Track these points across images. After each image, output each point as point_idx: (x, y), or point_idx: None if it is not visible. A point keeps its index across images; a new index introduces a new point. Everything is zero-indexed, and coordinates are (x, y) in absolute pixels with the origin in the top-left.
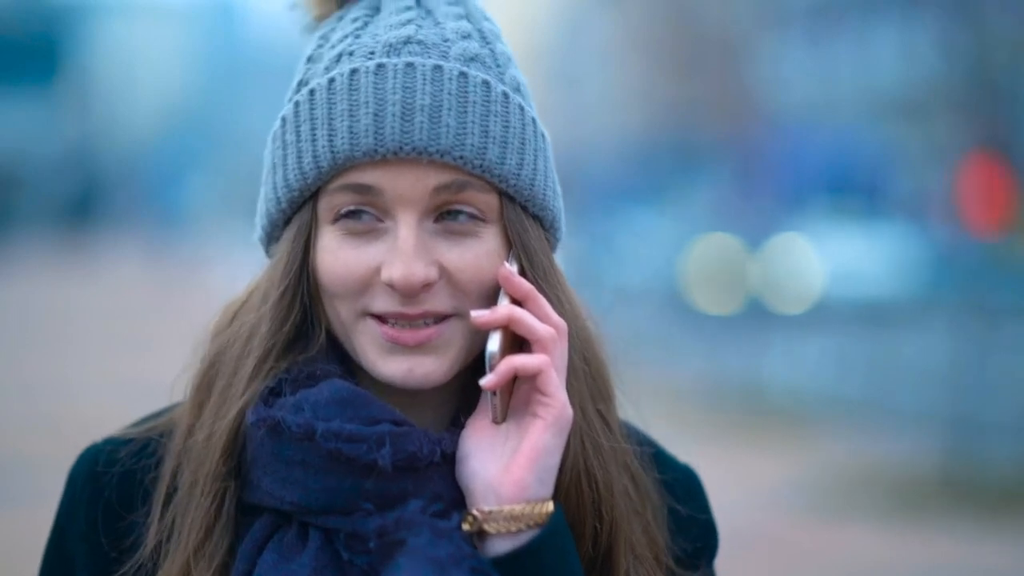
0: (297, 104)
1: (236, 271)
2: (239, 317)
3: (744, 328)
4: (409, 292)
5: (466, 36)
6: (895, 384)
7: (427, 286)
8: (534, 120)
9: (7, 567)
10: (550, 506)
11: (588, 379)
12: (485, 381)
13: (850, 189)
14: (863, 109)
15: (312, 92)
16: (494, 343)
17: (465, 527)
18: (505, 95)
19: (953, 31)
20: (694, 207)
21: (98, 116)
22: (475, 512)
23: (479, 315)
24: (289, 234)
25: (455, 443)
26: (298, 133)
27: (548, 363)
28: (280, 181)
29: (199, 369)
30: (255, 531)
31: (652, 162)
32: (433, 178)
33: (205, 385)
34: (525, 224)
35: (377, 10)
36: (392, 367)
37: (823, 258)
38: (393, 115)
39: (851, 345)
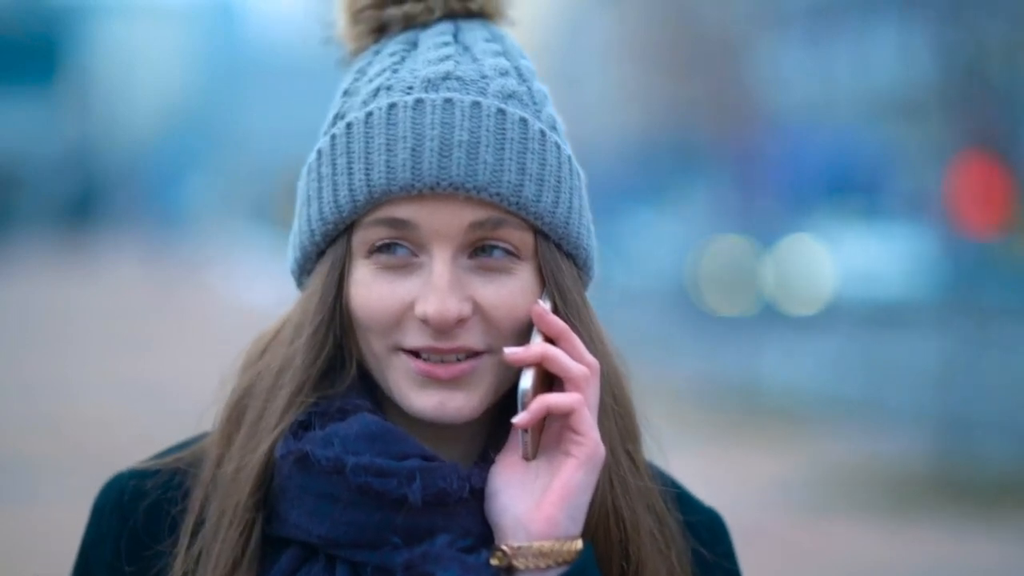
0: (334, 137)
1: (235, 271)
2: (270, 350)
3: (748, 329)
4: (443, 328)
5: (504, 73)
6: (893, 383)
7: (461, 322)
8: (570, 158)
9: (6, 565)
10: (579, 544)
11: (617, 418)
12: (518, 419)
13: (849, 189)
14: (862, 109)
15: (349, 126)
16: (527, 380)
17: (494, 562)
18: (542, 133)
19: (951, 32)
20: (694, 207)
21: (98, 116)
22: (504, 548)
23: (513, 352)
24: (323, 267)
25: (484, 479)
26: (334, 166)
27: (581, 402)
28: (315, 214)
29: (229, 401)
30: (282, 563)
31: (652, 162)
32: (469, 214)
33: (235, 418)
34: (559, 262)
35: (415, 45)
36: (424, 401)
37: (827, 258)
38: (431, 150)
39: (851, 345)
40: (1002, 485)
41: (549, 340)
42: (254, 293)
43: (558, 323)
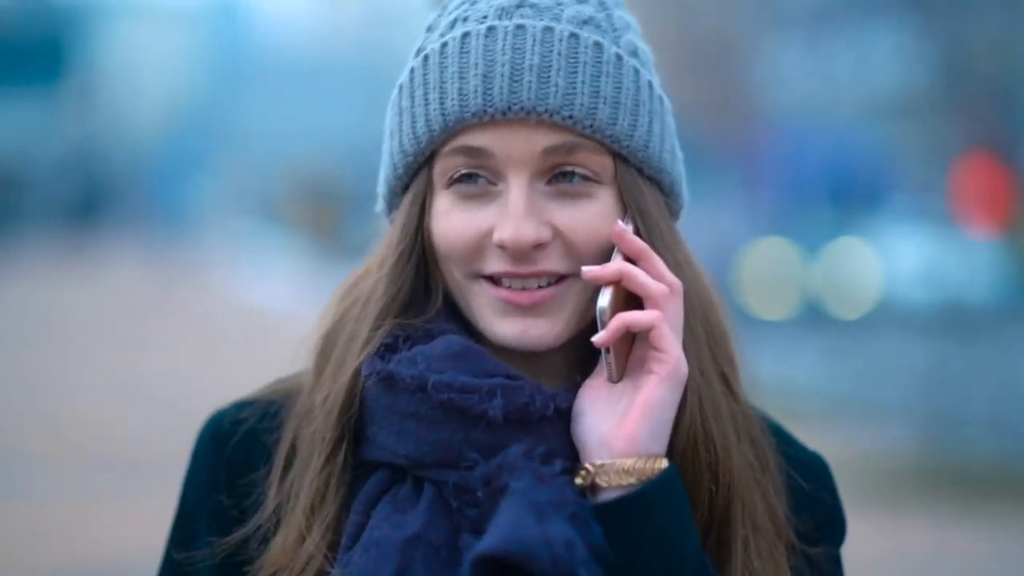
0: (412, 71)
1: (239, 272)
2: (360, 283)
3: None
4: (519, 253)
5: (582, 0)
6: (884, 382)
7: (539, 247)
8: (650, 83)
9: (6, 562)
10: (663, 463)
11: (711, 341)
12: (597, 338)
13: (850, 191)
14: (862, 110)
15: (426, 58)
16: (604, 299)
17: (578, 481)
18: (618, 57)
19: (953, 33)
20: (696, 208)
21: (102, 117)
22: (588, 466)
23: (590, 270)
24: (406, 200)
25: (570, 400)
26: (412, 98)
27: (661, 318)
28: (396, 147)
29: (320, 335)
30: (370, 485)
31: None
32: (543, 139)
33: (325, 349)
34: (640, 186)
35: None
36: (506, 328)
37: (875, 262)
38: (502, 75)
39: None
40: (989, 479)
41: (631, 261)
42: (257, 294)
43: (638, 242)
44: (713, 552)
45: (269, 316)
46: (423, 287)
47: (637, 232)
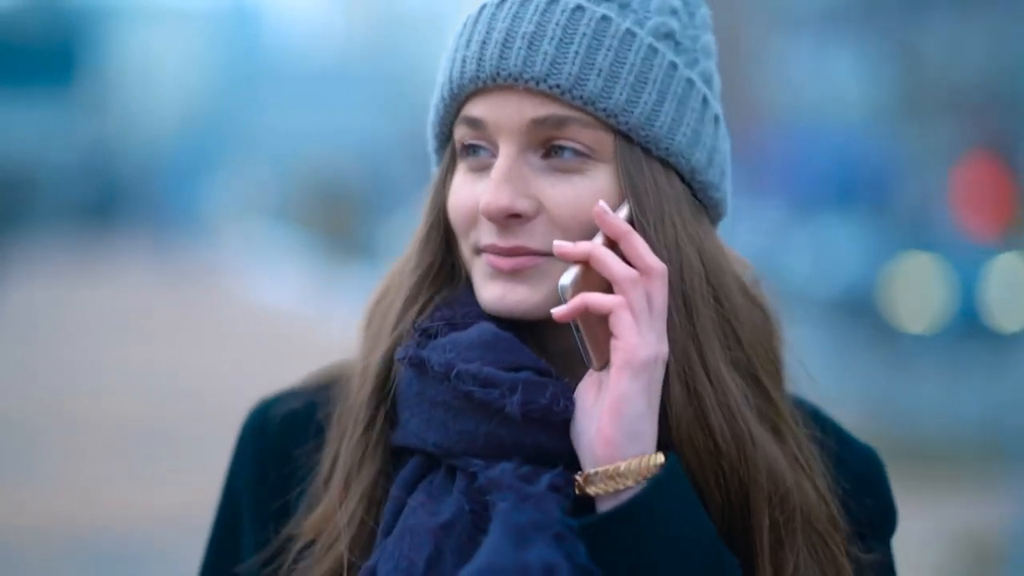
0: (451, 41)
1: (252, 274)
2: (399, 262)
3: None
4: (493, 219)
5: None
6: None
7: (518, 218)
8: (673, 64)
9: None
10: (658, 457)
11: (724, 326)
12: (555, 311)
13: (858, 193)
14: (867, 113)
15: (455, 32)
16: (568, 277)
17: (577, 491)
18: (629, 32)
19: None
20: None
21: (115, 119)
22: (577, 478)
23: (561, 246)
24: (435, 174)
25: None
26: (440, 72)
27: (622, 303)
28: (430, 119)
29: (365, 313)
30: (406, 471)
31: None
32: (530, 110)
33: (370, 323)
34: (641, 165)
35: None
36: (487, 292)
37: (833, 259)
38: (496, 42)
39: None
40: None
41: (614, 243)
42: (271, 295)
43: (618, 223)
44: (738, 539)
45: (282, 317)
46: (452, 260)
47: (631, 214)
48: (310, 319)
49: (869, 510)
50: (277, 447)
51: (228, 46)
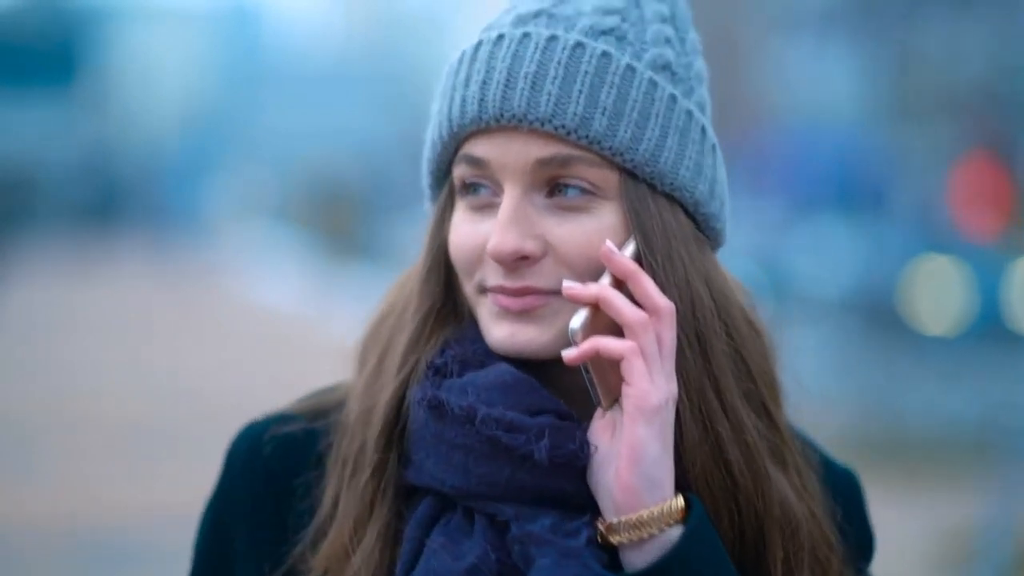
0: (444, 76)
1: (252, 274)
2: (400, 287)
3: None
4: (501, 261)
5: (608, 12)
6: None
7: (526, 259)
8: (673, 97)
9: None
10: (679, 501)
11: (736, 360)
12: (566, 354)
13: (857, 192)
14: (867, 113)
15: (449, 66)
16: (578, 320)
17: (599, 539)
18: (630, 68)
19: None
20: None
21: (115, 120)
22: (600, 526)
23: (571, 287)
24: (433, 211)
25: None
26: (434, 108)
27: (633, 349)
28: (425, 155)
29: (361, 340)
30: (421, 512)
31: None
32: (535, 150)
33: (363, 355)
34: (647, 202)
35: None
36: (496, 333)
37: (834, 259)
38: (497, 83)
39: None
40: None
41: (622, 284)
42: (271, 295)
43: (625, 263)
44: (750, 573)
45: (282, 317)
46: (454, 298)
47: (639, 251)
48: (310, 319)
49: (857, 533)
50: (273, 474)
51: (228, 46)
